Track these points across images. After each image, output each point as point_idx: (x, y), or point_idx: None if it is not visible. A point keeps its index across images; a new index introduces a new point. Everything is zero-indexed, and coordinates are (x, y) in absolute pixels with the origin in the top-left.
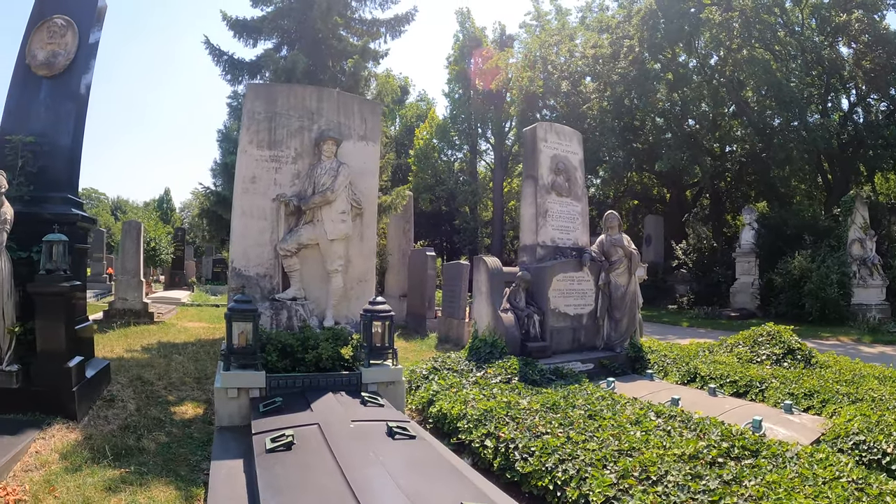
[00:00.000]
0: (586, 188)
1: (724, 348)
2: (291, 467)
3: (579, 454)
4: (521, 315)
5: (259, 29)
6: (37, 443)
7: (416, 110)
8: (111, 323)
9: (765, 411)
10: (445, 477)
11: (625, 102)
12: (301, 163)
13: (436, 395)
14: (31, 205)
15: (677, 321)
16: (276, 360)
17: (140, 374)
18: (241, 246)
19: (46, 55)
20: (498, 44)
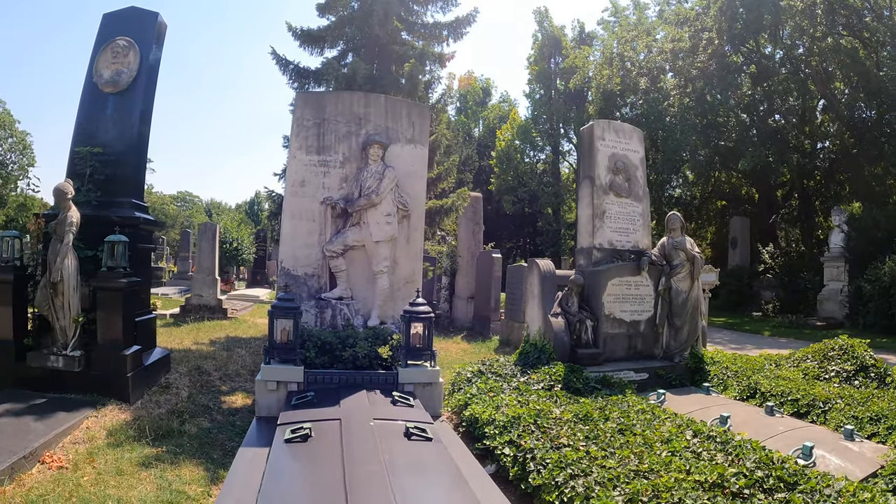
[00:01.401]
0: (647, 188)
1: (791, 362)
2: (301, 458)
3: (593, 471)
4: (573, 320)
5: (323, 38)
6: (89, 420)
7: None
8: (187, 317)
9: (822, 436)
10: (445, 481)
11: (707, 98)
12: (349, 167)
13: (471, 399)
14: (98, 209)
15: (759, 330)
16: (314, 357)
17: (200, 364)
18: (289, 247)
19: (111, 74)
20: (577, 42)
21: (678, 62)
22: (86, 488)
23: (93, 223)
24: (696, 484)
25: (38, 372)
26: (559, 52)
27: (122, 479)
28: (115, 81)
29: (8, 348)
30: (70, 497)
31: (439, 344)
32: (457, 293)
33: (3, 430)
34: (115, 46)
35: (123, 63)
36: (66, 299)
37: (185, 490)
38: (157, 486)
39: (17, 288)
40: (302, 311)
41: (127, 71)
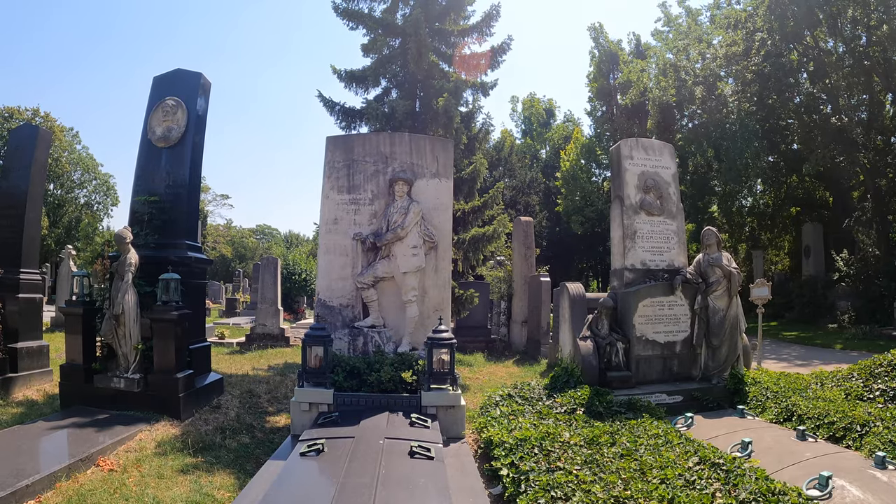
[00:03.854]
0: (681, 204)
1: (836, 380)
2: (309, 469)
3: (575, 496)
4: (602, 343)
5: (366, 77)
6: (142, 433)
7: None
8: (251, 345)
9: (852, 463)
10: (429, 496)
11: (767, 102)
12: (377, 203)
13: (490, 422)
14: (156, 250)
15: (831, 343)
16: (342, 380)
17: (252, 388)
18: (325, 280)
19: (163, 130)
20: (634, 55)
21: (733, 67)
22: (129, 487)
23: (151, 263)
24: None
25: (103, 392)
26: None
27: (161, 481)
28: (166, 137)
29: (78, 371)
30: (114, 493)
31: (490, 368)
32: (513, 317)
33: (68, 438)
34: (165, 106)
35: (173, 120)
36: (128, 329)
37: (214, 494)
38: (190, 490)
39: (86, 319)
40: (332, 339)
41: (176, 127)
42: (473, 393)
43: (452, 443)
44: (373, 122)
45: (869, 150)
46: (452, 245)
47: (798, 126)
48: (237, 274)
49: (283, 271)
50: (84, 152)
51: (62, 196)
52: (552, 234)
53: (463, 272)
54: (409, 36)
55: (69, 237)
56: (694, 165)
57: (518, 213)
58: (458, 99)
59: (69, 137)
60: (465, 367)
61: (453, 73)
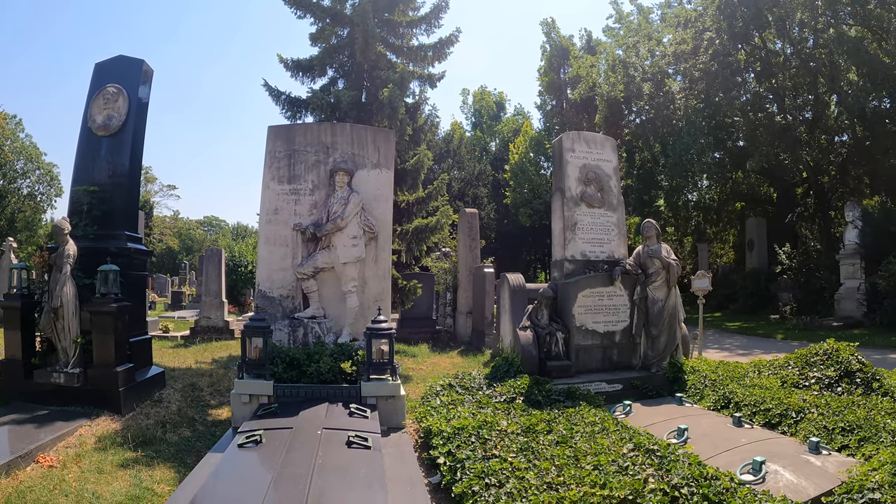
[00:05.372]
0: (622, 197)
1: (773, 369)
2: (246, 460)
3: (509, 482)
4: (542, 333)
5: (312, 67)
6: (83, 428)
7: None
8: (195, 339)
9: (786, 448)
10: (363, 484)
11: (714, 99)
12: (318, 194)
13: (429, 412)
14: (95, 241)
15: (772, 333)
16: (282, 372)
17: (195, 381)
18: (265, 270)
19: (104, 118)
20: (585, 51)
21: (682, 65)
22: (69, 483)
23: (90, 254)
24: (604, 499)
25: (43, 387)
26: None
27: (101, 476)
28: (106, 125)
29: (17, 366)
30: (53, 489)
31: (434, 358)
32: (458, 308)
33: (8, 435)
34: (106, 93)
35: (114, 108)
36: (67, 323)
37: (154, 488)
38: (130, 484)
39: (24, 313)
40: (272, 330)
41: (117, 115)
42: (416, 383)
43: (393, 433)
44: (318, 112)
45: (813, 149)
46: (396, 236)
47: (744, 124)
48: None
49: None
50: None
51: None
52: (500, 227)
53: (407, 263)
54: (357, 26)
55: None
56: (641, 160)
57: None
58: (404, 90)
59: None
60: (410, 357)
61: (401, 64)
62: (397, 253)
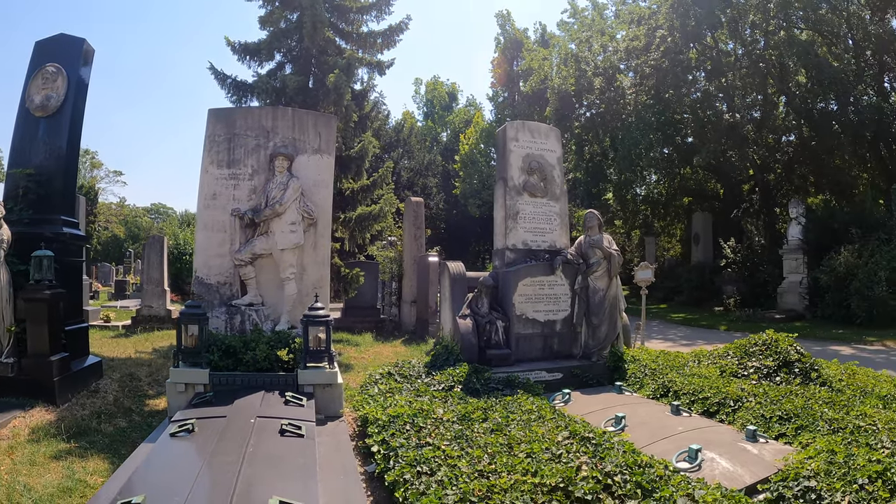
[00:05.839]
0: (565, 187)
1: (712, 358)
2: (177, 450)
3: (441, 470)
4: (482, 321)
5: (260, 50)
6: (16, 420)
7: (465, 115)
8: (137, 328)
9: (723, 437)
10: (293, 473)
11: (664, 96)
12: (257, 178)
13: (367, 400)
14: (30, 226)
15: (716, 325)
16: (218, 360)
17: (133, 371)
18: (203, 257)
19: (42, 99)
20: (539, 44)
21: (633, 61)
22: (0, 476)
23: (25, 239)
24: (535, 487)
25: None
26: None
27: (33, 468)
28: (44, 106)
29: None
30: None
31: (377, 347)
32: (403, 297)
33: None
34: (45, 72)
35: (52, 88)
36: (0, 311)
37: (87, 479)
38: (63, 476)
39: None
40: (208, 317)
41: (55, 95)
42: (357, 372)
43: (330, 421)
44: (263, 96)
45: (760, 147)
46: (339, 224)
47: (692, 120)
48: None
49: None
50: None
51: None
52: (450, 217)
53: (351, 251)
54: (306, 10)
55: None
56: (590, 153)
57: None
58: (351, 76)
59: None
60: (353, 346)
61: (349, 50)
62: (340, 241)
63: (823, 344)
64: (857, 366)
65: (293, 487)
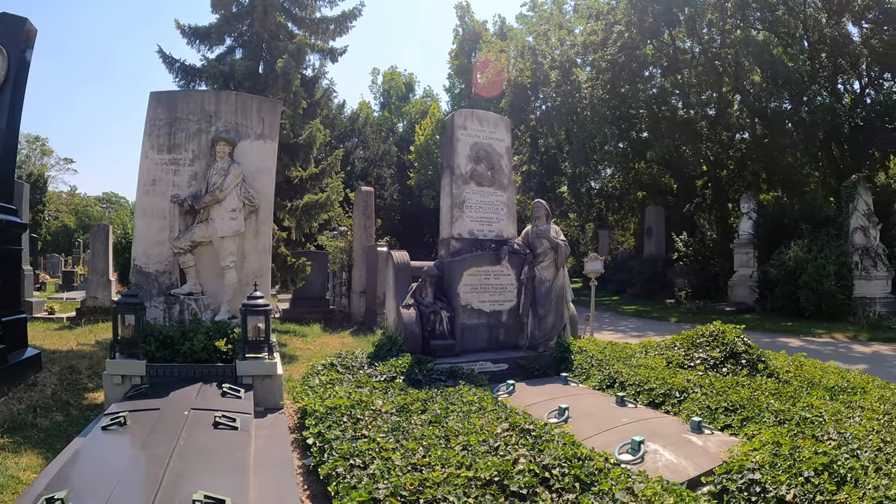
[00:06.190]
0: (513, 176)
1: (659, 349)
2: (108, 443)
3: (374, 463)
4: (426, 311)
5: (210, 34)
6: None
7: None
8: (81, 320)
9: (668, 428)
10: (223, 466)
11: (619, 91)
12: (198, 164)
13: (307, 391)
14: None
15: (667, 316)
16: (155, 351)
17: (74, 364)
18: (142, 244)
19: None
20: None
21: (590, 56)
22: None
23: None
24: (469, 480)
25: None
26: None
27: None
28: None
29: None
30: None
31: (325, 338)
32: (353, 288)
33: None
34: None
35: None
36: None
37: (20, 475)
38: None
39: None
40: (146, 307)
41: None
42: (301, 363)
43: (270, 413)
44: (211, 81)
45: (714, 144)
46: (286, 212)
47: (647, 116)
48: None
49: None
50: None
51: None
52: (404, 208)
53: (298, 240)
54: None
55: None
56: (545, 146)
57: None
58: (301, 62)
59: None
60: (300, 337)
61: (301, 35)
62: (287, 230)
63: (773, 336)
64: (804, 357)
65: (222, 482)
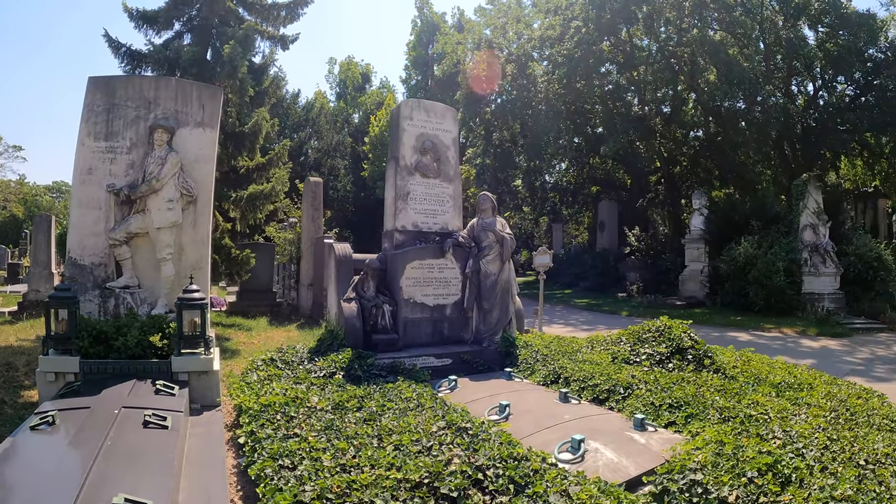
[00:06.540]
0: (459, 168)
1: (604, 344)
2: (33, 444)
3: (303, 464)
4: (368, 305)
5: (157, 18)
6: None
7: (377, 97)
8: (23, 314)
9: (612, 424)
10: (149, 467)
11: (575, 86)
12: (136, 152)
13: (244, 387)
14: None
15: (618, 310)
16: (88, 346)
17: (11, 360)
18: (77, 236)
19: None
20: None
21: (547, 50)
22: None
23: None
24: (398, 482)
25: None
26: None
27: None
28: None
29: None
30: None
31: (270, 332)
32: (301, 280)
33: None
34: None
35: None
36: None
37: None
38: None
39: None
40: (79, 301)
41: None
42: (244, 358)
43: (207, 411)
44: (157, 67)
45: (668, 140)
46: (231, 203)
47: (602, 111)
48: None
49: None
50: None
51: None
52: (358, 199)
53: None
54: None
55: None
56: (499, 139)
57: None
58: (248, 48)
59: None
60: (244, 331)
61: (252, 21)
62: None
63: (722, 330)
64: (752, 352)
65: (146, 483)
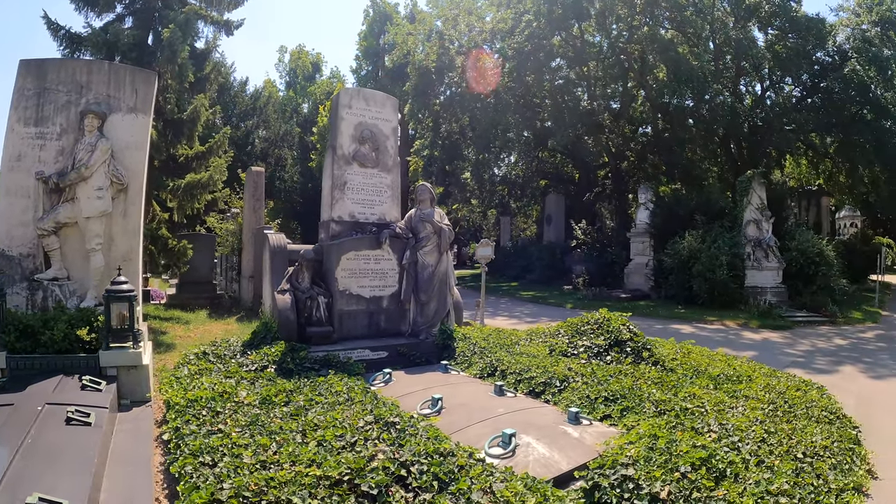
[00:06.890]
0: (398, 158)
1: (543, 337)
2: None
3: (223, 461)
4: (302, 297)
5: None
6: None
7: (327, 87)
8: None
9: (547, 418)
10: (67, 469)
11: (525, 79)
12: (66, 138)
13: (171, 382)
14: None
15: (564, 302)
16: (14, 341)
17: None
18: (5, 226)
19: None
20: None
21: (498, 43)
22: None
23: None
24: (318, 480)
25: None
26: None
27: None
28: None
29: None
30: None
31: (208, 325)
32: (242, 272)
33: None
34: None
35: None
36: None
37: None
38: None
39: None
40: (6, 294)
41: None
42: (179, 352)
43: (136, 406)
44: (96, 51)
45: (617, 135)
46: (168, 192)
47: (551, 105)
48: None
49: None
50: None
51: None
52: (305, 190)
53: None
54: None
55: None
56: (447, 131)
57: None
58: (189, 33)
59: None
60: (182, 324)
61: (195, 5)
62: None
63: (665, 323)
64: (693, 344)
65: (64, 482)
